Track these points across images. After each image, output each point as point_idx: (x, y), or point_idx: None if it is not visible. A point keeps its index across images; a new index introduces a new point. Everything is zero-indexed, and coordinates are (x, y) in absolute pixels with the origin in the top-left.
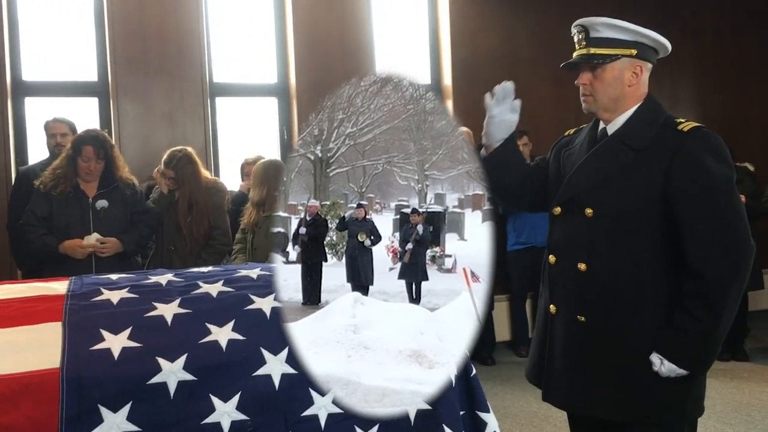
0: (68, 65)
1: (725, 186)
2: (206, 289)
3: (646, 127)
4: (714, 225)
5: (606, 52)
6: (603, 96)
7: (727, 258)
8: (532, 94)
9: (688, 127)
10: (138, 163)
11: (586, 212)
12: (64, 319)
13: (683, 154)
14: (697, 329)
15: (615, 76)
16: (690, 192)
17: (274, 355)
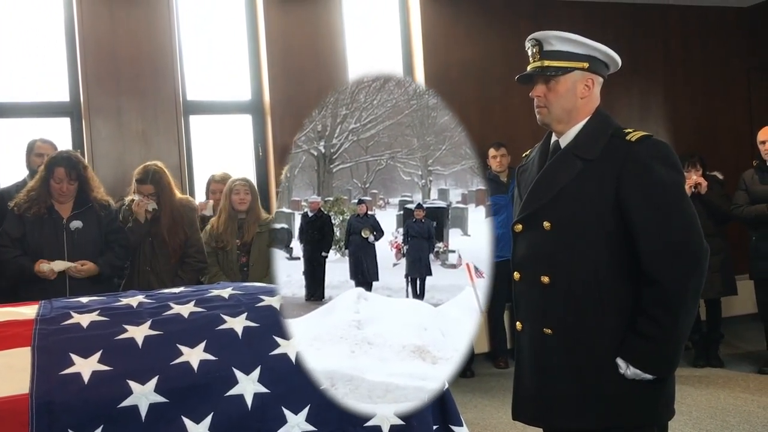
0: (40, 85)
1: (674, 191)
2: (177, 310)
3: (595, 138)
4: (665, 230)
5: (559, 65)
6: (557, 107)
7: (681, 261)
8: (506, 107)
9: (636, 136)
10: (112, 182)
11: (545, 226)
12: (33, 344)
13: (632, 163)
14: (657, 333)
15: (568, 88)
16: (640, 199)
17: (246, 375)
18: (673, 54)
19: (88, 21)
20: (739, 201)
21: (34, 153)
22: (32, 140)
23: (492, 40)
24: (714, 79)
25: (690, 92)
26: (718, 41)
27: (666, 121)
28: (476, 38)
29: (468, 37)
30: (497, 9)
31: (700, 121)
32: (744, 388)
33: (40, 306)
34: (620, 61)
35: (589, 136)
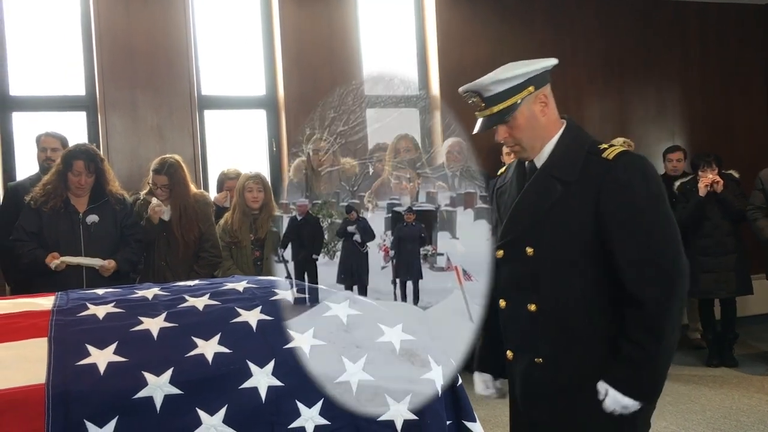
0: (56, 79)
1: (654, 209)
2: (192, 303)
3: (572, 157)
4: (644, 250)
5: (508, 104)
6: (527, 140)
7: (661, 281)
8: None
9: (613, 154)
10: (127, 176)
11: (527, 251)
12: (50, 335)
13: (609, 183)
14: (640, 356)
15: (527, 117)
16: (619, 219)
17: (260, 368)
18: (690, 51)
19: (104, 16)
20: (756, 201)
21: (39, 147)
22: (38, 134)
23: (507, 38)
24: (731, 76)
25: (706, 90)
26: (735, 38)
27: (682, 119)
28: (491, 36)
29: (483, 35)
30: (512, 6)
31: (716, 119)
32: (759, 389)
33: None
34: (554, 62)
35: (564, 154)
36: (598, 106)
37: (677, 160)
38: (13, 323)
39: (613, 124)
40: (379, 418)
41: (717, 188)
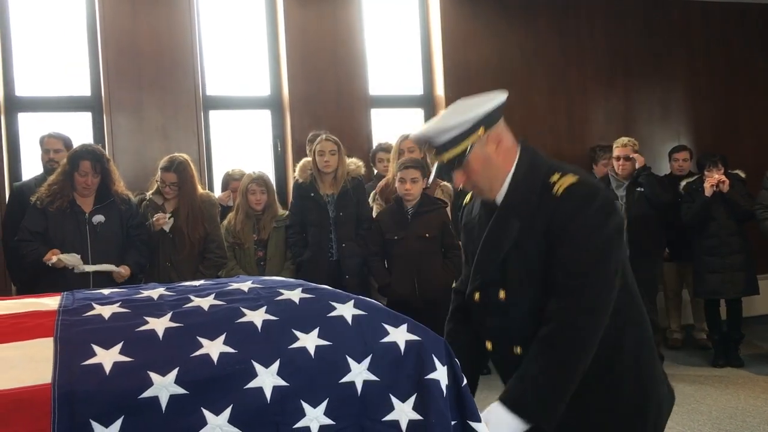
0: (61, 80)
1: (591, 241)
2: (198, 303)
3: (527, 193)
4: (572, 279)
5: (459, 151)
6: (485, 181)
7: (579, 309)
8: (524, 104)
9: (561, 189)
10: (132, 176)
11: (500, 296)
12: (56, 335)
13: (555, 219)
14: (533, 370)
15: (481, 160)
16: (558, 248)
17: (265, 368)
18: (695, 51)
19: (109, 16)
20: (764, 201)
21: (42, 148)
22: (42, 135)
23: (511, 38)
24: (736, 76)
25: (712, 90)
26: (740, 38)
27: (687, 119)
28: (495, 36)
29: (487, 35)
30: (516, 7)
31: (721, 118)
32: (765, 389)
33: (62, 297)
34: (504, 97)
35: (519, 190)
36: (603, 107)
37: (683, 159)
38: (20, 323)
39: (618, 125)
40: (383, 418)
41: (723, 188)
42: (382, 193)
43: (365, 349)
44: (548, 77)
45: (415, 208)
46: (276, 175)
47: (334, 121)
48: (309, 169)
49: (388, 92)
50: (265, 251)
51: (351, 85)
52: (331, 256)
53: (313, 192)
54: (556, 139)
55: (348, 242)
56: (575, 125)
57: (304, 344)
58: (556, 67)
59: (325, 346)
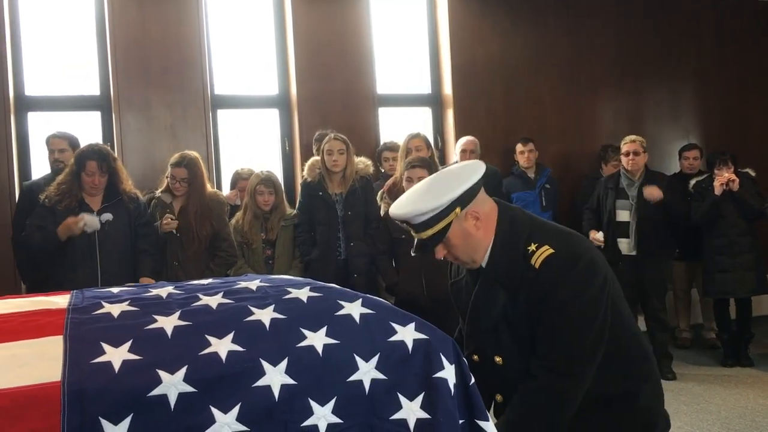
0: (70, 79)
1: (569, 313)
2: (206, 302)
3: (510, 262)
4: (550, 348)
5: (437, 230)
6: (466, 255)
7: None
8: (533, 102)
9: (539, 262)
10: (141, 175)
11: (497, 361)
12: (66, 333)
13: (535, 289)
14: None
15: (461, 235)
16: (540, 317)
17: (273, 366)
18: (705, 49)
19: (118, 16)
20: None
21: (48, 148)
22: (47, 136)
23: (519, 35)
24: (746, 74)
25: (722, 88)
26: (751, 35)
27: (697, 118)
28: (504, 33)
29: (495, 32)
30: (525, 4)
31: (731, 117)
32: None
33: (72, 295)
34: (480, 173)
35: (502, 258)
36: (612, 105)
37: (693, 158)
38: (31, 321)
39: (627, 123)
40: (391, 416)
41: (733, 187)
42: (390, 192)
43: (373, 348)
44: (557, 76)
45: None
46: (284, 173)
47: (341, 120)
48: (317, 168)
49: (396, 91)
50: (274, 250)
51: (359, 83)
52: (339, 254)
53: (321, 191)
54: (565, 138)
55: (356, 241)
56: (584, 124)
57: (312, 343)
58: (564, 66)
59: (333, 344)
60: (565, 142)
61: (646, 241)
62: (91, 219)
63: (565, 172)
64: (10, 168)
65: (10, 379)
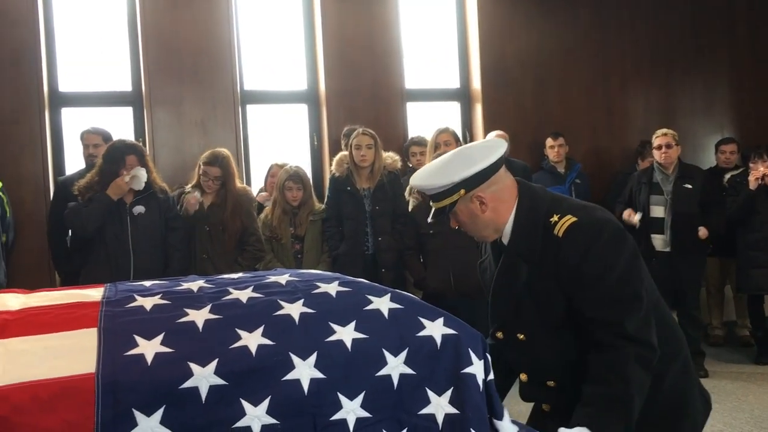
0: (103, 76)
1: (606, 276)
2: (236, 296)
3: (530, 236)
4: (601, 311)
5: (444, 204)
6: (473, 231)
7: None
8: (563, 97)
9: (562, 230)
10: (171, 170)
11: (519, 338)
12: (100, 325)
13: (562, 259)
14: (603, 393)
15: (466, 214)
16: (577, 286)
17: (302, 360)
18: (739, 41)
19: (149, 13)
20: None
21: (83, 143)
22: (82, 131)
23: (550, 30)
24: None
25: (757, 80)
26: None
27: (731, 111)
28: (534, 27)
29: (525, 26)
30: None
31: (766, 110)
32: None
33: (105, 289)
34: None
35: (523, 233)
36: (644, 99)
37: (730, 152)
38: (66, 314)
39: (659, 117)
40: (420, 411)
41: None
42: None
43: (401, 343)
44: (588, 70)
45: None
46: (312, 168)
47: (370, 115)
48: (345, 162)
49: (425, 86)
50: (302, 244)
51: (387, 78)
52: (367, 249)
53: (349, 186)
54: (595, 134)
55: (384, 236)
56: (615, 120)
57: (341, 337)
58: (595, 60)
59: (362, 339)
60: (595, 137)
61: (681, 237)
62: (138, 172)
63: (596, 168)
64: (45, 163)
65: (45, 371)
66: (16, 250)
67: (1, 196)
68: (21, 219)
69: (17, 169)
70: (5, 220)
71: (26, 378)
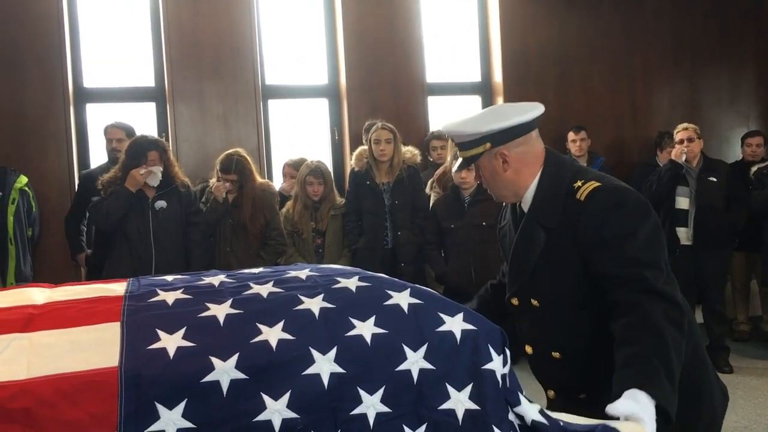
0: (127, 71)
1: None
2: (257, 290)
3: (551, 202)
4: (626, 270)
5: (471, 154)
6: (492, 188)
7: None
8: (585, 89)
9: (585, 193)
10: (194, 164)
11: (533, 303)
12: (123, 319)
13: (584, 222)
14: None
15: (488, 170)
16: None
17: (323, 355)
18: (765, 32)
19: (171, 9)
20: None
21: (106, 138)
22: (105, 126)
23: (572, 22)
24: None
25: None
26: None
27: (757, 104)
28: (556, 19)
29: (547, 18)
30: None
31: None
32: None
33: (128, 283)
34: (529, 117)
35: (544, 198)
36: (668, 91)
37: (756, 145)
38: (90, 308)
39: (684, 110)
40: (439, 406)
41: None
42: (440, 181)
43: (421, 338)
44: (611, 62)
45: (471, 196)
46: (333, 163)
47: (390, 109)
48: (365, 157)
49: (446, 79)
50: (324, 239)
51: (408, 72)
52: (387, 243)
53: (368, 180)
54: (618, 126)
55: (403, 230)
56: (638, 112)
57: (361, 332)
58: (619, 52)
59: (382, 334)
60: (618, 130)
61: (705, 230)
62: (154, 170)
63: (618, 161)
64: (70, 158)
65: (69, 364)
66: (41, 245)
67: (27, 191)
68: (46, 214)
69: (43, 164)
70: (31, 214)
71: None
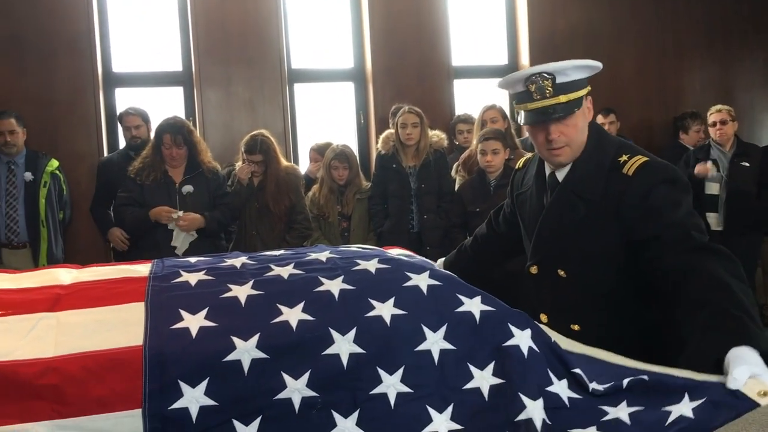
0: (155, 56)
1: (675, 208)
2: (278, 272)
3: (595, 174)
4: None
5: (576, 97)
6: (577, 143)
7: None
8: (614, 72)
9: (633, 168)
10: (221, 148)
11: (560, 274)
12: (147, 300)
13: (630, 197)
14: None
15: (583, 116)
16: (645, 223)
17: (342, 335)
18: None
19: None
20: None
21: (123, 125)
22: (120, 112)
23: (601, 4)
24: None
25: None
26: None
27: None
28: (584, 2)
29: (575, 1)
30: None
31: None
32: None
33: (153, 264)
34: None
35: (587, 170)
36: (700, 73)
37: None
38: (115, 288)
39: (715, 92)
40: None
41: None
42: (465, 165)
43: (441, 318)
44: (640, 44)
45: (497, 180)
46: (359, 146)
47: (416, 92)
48: (391, 140)
49: (472, 63)
50: (350, 223)
51: (434, 56)
52: (412, 227)
53: (395, 163)
54: (648, 109)
55: (429, 214)
56: (668, 94)
57: (380, 313)
58: (649, 33)
59: (401, 314)
60: (648, 113)
61: (736, 216)
62: (184, 234)
63: (648, 144)
64: (100, 143)
65: (95, 343)
66: (72, 227)
67: (59, 175)
68: (77, 197)
69: (74, 148)
70: (62, 198)
71: (77, 349)
